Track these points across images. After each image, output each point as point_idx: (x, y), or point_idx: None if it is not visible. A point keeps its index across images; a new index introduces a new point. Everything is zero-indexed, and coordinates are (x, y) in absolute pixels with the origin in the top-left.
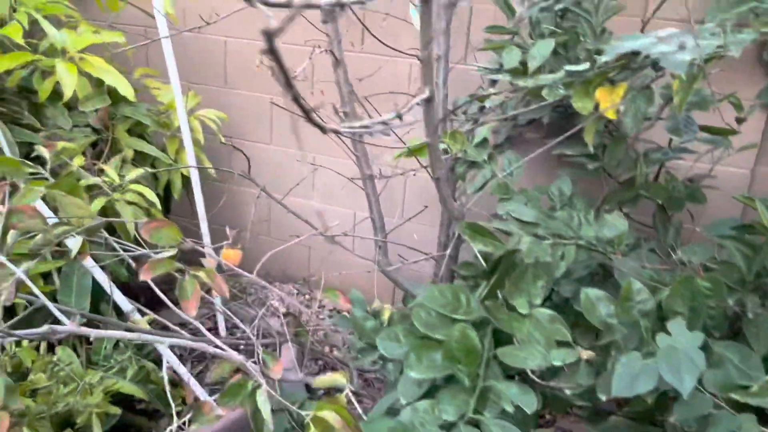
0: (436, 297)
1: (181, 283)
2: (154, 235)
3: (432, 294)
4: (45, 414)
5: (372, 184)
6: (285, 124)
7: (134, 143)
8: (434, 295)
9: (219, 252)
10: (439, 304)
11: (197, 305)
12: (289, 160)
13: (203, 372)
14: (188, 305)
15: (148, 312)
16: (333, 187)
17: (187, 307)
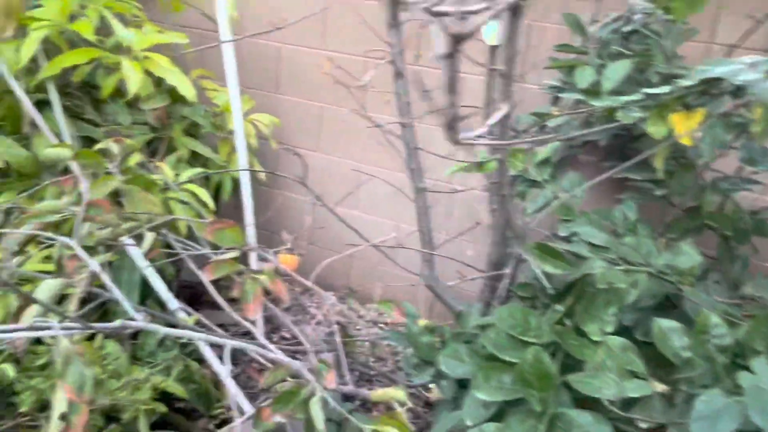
0: (505, 318)
1: (243, 285)
2: (218, 235)
3: (502, 315)
4: (95, 407)
5: (424, 197)
6: (333, 131)
7: (190, 143)
8: (504, 316)
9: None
10: (509, 326)
11: (259, 308)
12: (334, 168)
13: (240, 375)
14: (249, 308)
15: (192, 312)
16: (377, 198)
17: (249, 310)
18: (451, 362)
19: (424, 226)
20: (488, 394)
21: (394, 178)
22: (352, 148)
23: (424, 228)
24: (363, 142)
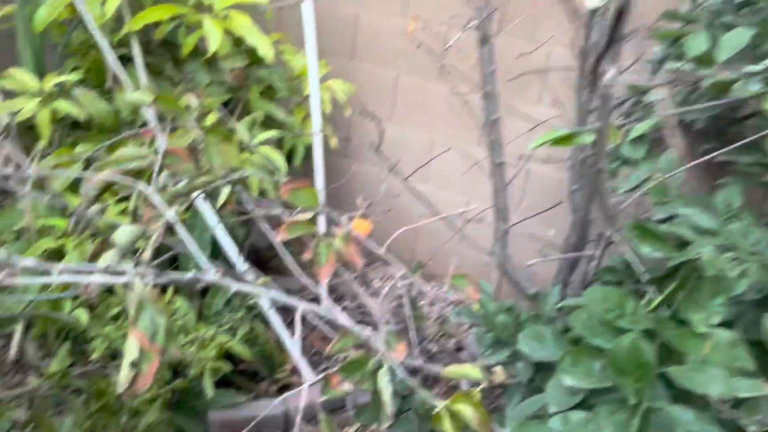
0: (598, 300)
1: (316, 248)
2: (293, 195)
3: (595, 296)
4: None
5: (502, 172)
6: (408, 102)
7: (265, 106)
8: (597, 298)
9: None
10: (602, 309)
11: (331, 272)
12: (407, 140)
13: (305, 340)
14: (322, 271)
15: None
16: (450, 173)
17: (321, 273)
18: (532, 343)
19: (500, 203)
20: (576, 379)
21: (468, 153)
22: (426, 120)
23: (500, 205)
24: (438, 113)
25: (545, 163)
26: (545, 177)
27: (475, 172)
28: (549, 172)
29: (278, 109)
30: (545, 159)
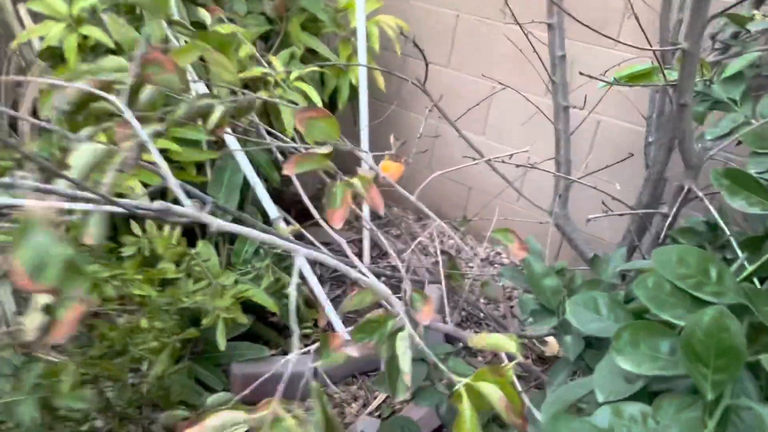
0: (672, 263)
1: (330, 188)
2: (309, 125)
3: (667, 257)
4: (170, 307)
5: (566, 118)
6: (467, 45)
7: (307, 39)
8: (670, 259)
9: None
10: (676, 274)
11: (345, 217)
12: (464, 87)
13: (340, 297)
14: (334, 215)
15: (294, 223)
16: (509, 125)
17: (333, 217)
18: (583, 313)
19: (563, 155)
20: (635, 363)
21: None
22: (486, 66)
23: (562, 157)
24: (501, 59)
25: (618, 117)
26: (617, 130)
27: (537, 124)
28: (622, 125)
29: (320, 44)
30: (618, 110)
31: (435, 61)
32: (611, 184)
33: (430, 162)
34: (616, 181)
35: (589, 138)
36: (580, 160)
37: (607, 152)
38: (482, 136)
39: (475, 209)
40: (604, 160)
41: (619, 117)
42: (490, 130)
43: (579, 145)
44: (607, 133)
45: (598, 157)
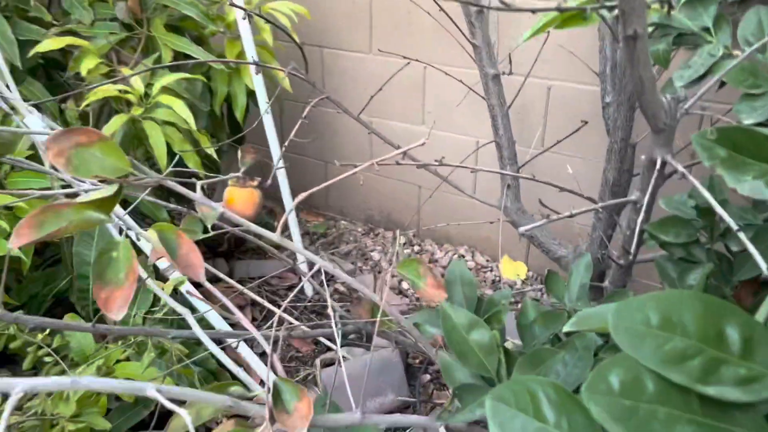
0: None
1: (105, 252)
2: (76, 156)
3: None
4: None
5: (497, 88)
6: (389, 24)
7: (174, 42)
8: (647, 322)
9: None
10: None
11: (129, 299)
12: (391, 72)
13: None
14: (112, 299)
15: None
16: (449, 108)
17: (110, 304)
18: (513, 420)
19: (502, 134)
20: None
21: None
22: (413, 45)
23: (503, 138)
24: (428, 33)
25: (571, 79)
26: (572, 94)
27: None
28: (577, 88)
29: (191, 45)
30: (569, 70)
31: (354, 47)
32: (574, 158)
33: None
34: (580, 154)
35: (541, 108)
36: (534, 136)
37: (565, 122)
38: (421, 125)
39: (428, 208)
40: (563, 133)
41: (572, 78)
42: (429, 117)
43: (531, 117)
44: (560, 99)
45: (556, 128)
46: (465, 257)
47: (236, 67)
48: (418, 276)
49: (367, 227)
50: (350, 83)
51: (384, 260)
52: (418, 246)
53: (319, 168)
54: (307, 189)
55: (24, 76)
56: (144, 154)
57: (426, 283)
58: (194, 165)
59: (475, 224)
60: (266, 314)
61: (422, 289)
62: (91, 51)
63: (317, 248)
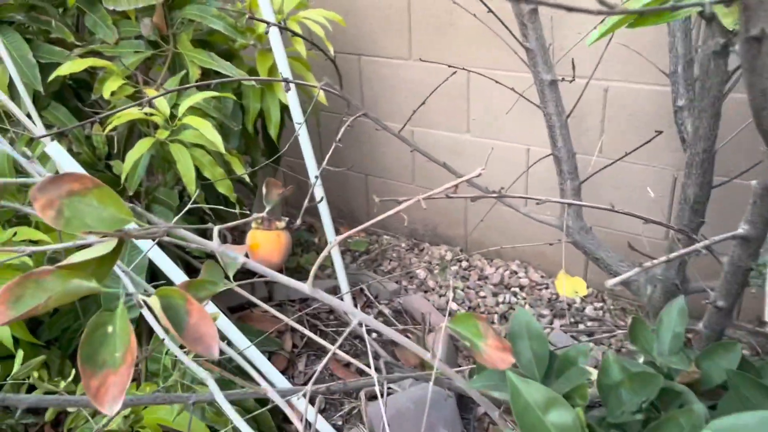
0: None
1: (93, 326)
2: (68, 208)
3: None
4: None
5: (555, 96)
6: (429, 27)
7: (201, 58)
8: None
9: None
10: None
11: (126, 386)
12: (435, 79)
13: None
14: (105, 387)
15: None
16: (496, 114)
17: (101, 395)
18: None
19: (561, 146)
20: None
21: (517, 83)
22: (455, 48)
23: (562, 150)
24: (472, 37)
25: (630, 78)
26: (633, 97)
27: (531, 108)
28: (638, 88)
29: (218, 61)
30: (628, 67)
31: (393, 53)
32: (635, 165)
33: (412, 176)
34: (642, 160)
35: (597, 112)
36: (591, 145)
37: (626, 127)
38: (466, 133)
39: (476, 221)
40: (624, 140)
41: (632, 78)
42: (475, 125)
43: (588, 122)
44: (619, 101)
45: (615, 134)
46: (518, 273)
47: (269, 83)
48: (478, 335)
49: (411, 242)
50: (389, 91)
51: (430, 278)
52: (466, 261)
53: (359, 181)
54: (346, 203)
55: (48, 101)
56: (173, 179)
57: (487, 344)
58: (225, 190)
59: (529, 240)
60: (307, 341)
61: (483, 352)
62: (114, 72)
63: (359, 266)
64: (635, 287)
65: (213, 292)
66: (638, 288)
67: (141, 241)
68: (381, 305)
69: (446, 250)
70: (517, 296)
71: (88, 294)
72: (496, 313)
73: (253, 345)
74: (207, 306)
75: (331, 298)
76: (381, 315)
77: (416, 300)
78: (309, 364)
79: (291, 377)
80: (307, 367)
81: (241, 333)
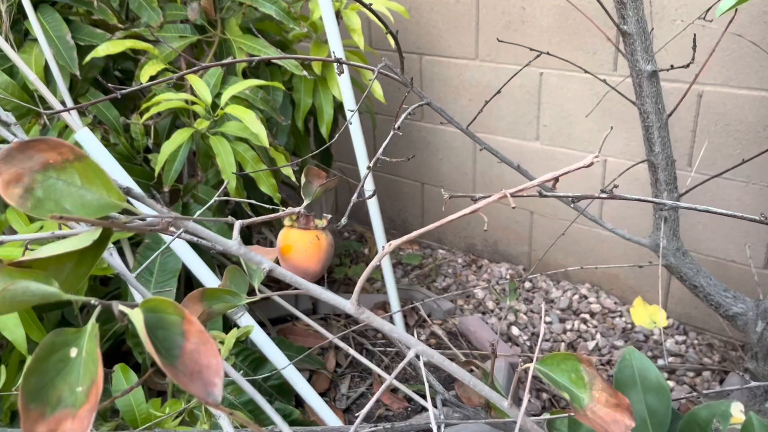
0: None
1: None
2: (40, 186)
3: None
4: None
5: (654, 90)
6: (499, 23)
7: (250, 45)
8: None
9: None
10: None
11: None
12: (503, 82)
13: (365, 396)
14: None
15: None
16: (569, 120)
17: None
18: None
19: (659, 151)
20: None
21: (596, 87)
22: (528, 44)
23: (659, 156)
24: (546, 34)
25: (731, 83)
26: (733, 104)
27: (608, 113)
28: (741, 95)
29: (269, 48)
30: (730, 70)
31: (458, 53)
32: (733, 182)
33: (473, 185)
34: (742, 176)
35: (688, 120)
36: (679, 158)
37: (723, 138)
38: (535, 141)
39: (542, 238)
40: (717, 150)
41: (732, 82)
42: (545, 132)
43: (675, 131)
44: (714, 108)
45: (710, 145)
46: (588, 298)
47: (322, 77)
48: (580, 383)
49: (468, 258)
50: (452, 94)
51: (489, 299)
52: (529, 282)
53: (414, 190)
54: (400, 212)
55: (86, 87)
56: (216, 176)
57: (594, 398)
58: (269, 189)
59: (604, 260)
60: (351, 360)
61: (589, 408)
62: (156, 56)
63: (411, 281)
64: (742, 322)
65: (233, 305)
66: (746, 324)
67: (169, 238)
68: (434, 325)
69: (507, 269)
70: (587, 324)
71: (42, 302)
72: (563, 341)
73: (293, 364)
74: (242, 317)
75: (382, 322)
76: (434, 336)
77: (474, 322)
78: (353, 386)
79: (332, 400)
80: (351, 390)
81: (279, 349)
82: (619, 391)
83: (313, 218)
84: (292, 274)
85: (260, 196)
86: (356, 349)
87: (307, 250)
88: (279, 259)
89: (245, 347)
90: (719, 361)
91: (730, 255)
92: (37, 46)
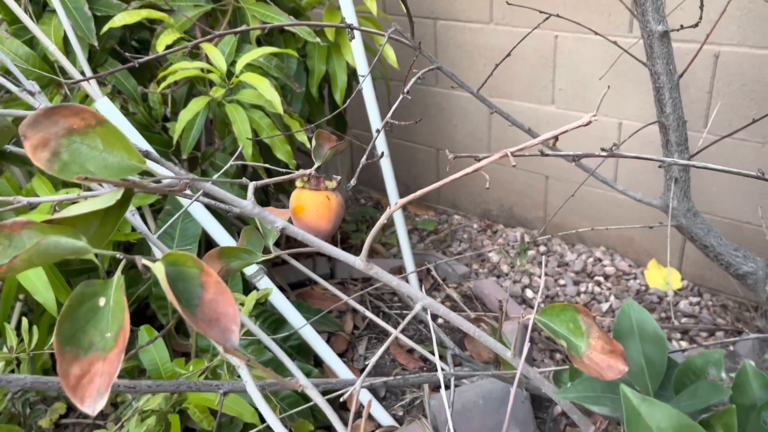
0: None
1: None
2: (66, 150)
3: None
4: None
5: (665, 51)
6: None
7: (263, 13)
8: None
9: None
10: None
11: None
12: (518, 45)
13: (383, 359)
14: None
15: None
16: (584, 84)
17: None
18: None
19: (670, 112)
20: None
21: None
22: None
23: (671, 117)
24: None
25: (748, 42)
26: (750, 65)
27: (624, 76)
28: (757, 54)
29: (281, 15)
30: (747, 30)
31: (472, 17)
32: (748, 143)
33: (488, 150)
34: (757, 137)
35: (704, 81)
36: (696, 120)
37: (739, 99)
38: (551, 105)
39: (557, 202)
40: (733, 111)
41: (748, 42)
42: (561, 96)
43: (691, 92)
44: (731, 69)
45: (726, 106)
46: (602, 261)
47: (336, 43)
48: (577, 333)
49: (483, 223)
50: (467, 59)
51: (504, 262)
52: (544, 246)
53: (429, 155)
54: (416, 179)
55: (105, 57)
56: (232, 144)
57: (590, 345)
58: (284, 156)
59: (614, 222)
60: (369, 323)
61: (583, 355)
62: (171, 25)
63: (426, 246)
64: (752, 281)
65: (248, 262)
66: (756, 282)
67: (187, 203)
68: (449, 289)
69: (522, 233)
70: (601, 286)
71: (73, 256)
72: (577, 303)
73: (310, 324)
74: (262, 281)
75: (391, 277)
76: (449, 299)
77: (488, 285)
78: (370, 347)
79: (350, 360)
80: (368, 351)
81: (298, 311)
82: (618, 341)
83: (323, 179)
84: (304, 232)
85: (276, 164)
86: (373, 312)
87: (318, 209)
88: (292, 219)
89: (265, 309)
90: (733, 321)
91: (745, 216)
92: (56, 17)
